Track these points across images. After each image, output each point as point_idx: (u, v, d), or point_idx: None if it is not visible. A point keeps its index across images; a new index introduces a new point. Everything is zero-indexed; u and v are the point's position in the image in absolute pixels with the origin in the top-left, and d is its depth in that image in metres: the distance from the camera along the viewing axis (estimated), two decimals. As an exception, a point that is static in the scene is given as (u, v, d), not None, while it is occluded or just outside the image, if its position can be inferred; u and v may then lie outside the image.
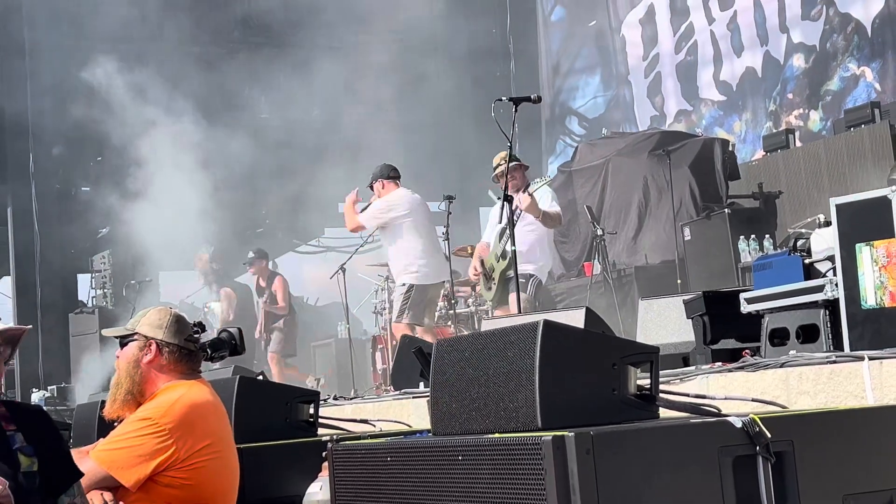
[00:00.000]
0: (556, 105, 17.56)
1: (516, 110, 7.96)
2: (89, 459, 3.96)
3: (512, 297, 8.73)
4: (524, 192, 8.86)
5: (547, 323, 3.15)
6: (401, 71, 16.94)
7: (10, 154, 15.41)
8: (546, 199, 9.17)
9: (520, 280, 8.61)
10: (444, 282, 10.39)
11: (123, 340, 4.23)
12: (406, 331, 9.70)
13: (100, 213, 15.74)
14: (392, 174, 10.33)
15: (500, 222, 8.86)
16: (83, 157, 15.59)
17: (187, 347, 4.20)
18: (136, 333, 4.20)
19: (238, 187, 15.34)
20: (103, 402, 4.48)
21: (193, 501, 3.96)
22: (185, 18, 15.24)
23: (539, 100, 8.20)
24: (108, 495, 3.90)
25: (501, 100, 8.01)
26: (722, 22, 14.62)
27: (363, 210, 10.32)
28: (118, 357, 4.25)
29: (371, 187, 10.41)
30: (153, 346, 4.16)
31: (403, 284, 10.05)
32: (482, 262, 9.52)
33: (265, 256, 14.13)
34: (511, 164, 8.59)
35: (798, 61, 13.41)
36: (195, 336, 4.29)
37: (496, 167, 9.31)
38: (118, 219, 15.33)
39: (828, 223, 4.96)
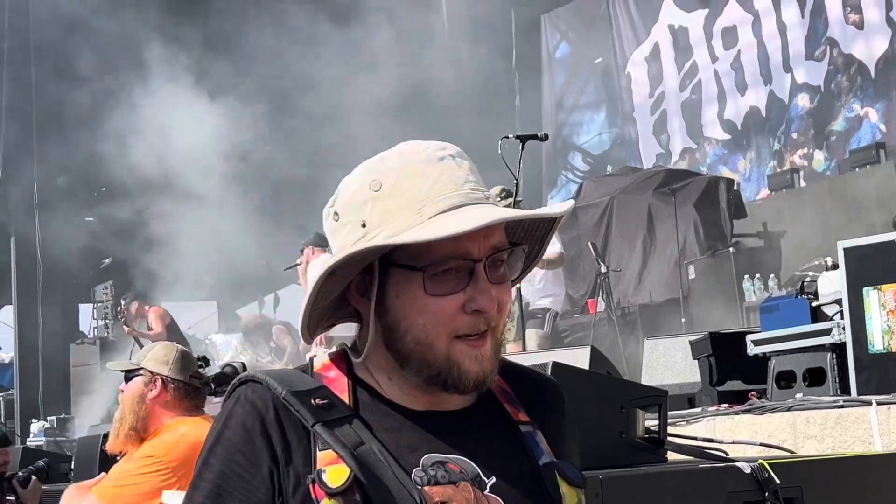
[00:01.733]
0: (558, 139, 17.57)
1: (523, 148, 7.95)
2: (92, 496, 3.93)
3: (529, 332, 8.65)
4: None
5: (556, 365, 3.13)
6: (405, 106, 16.98)
7: (13, 183, 15.44)
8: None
9: (537, 316, 8.62)
10: None
11: (128, 374, 4.21)
12: None
13: (102, 243, 15.76)
14: (324, 243, 11.00)
15: None
16: (87, 188, 15.61)
17: (192, 384, 4.18)
18: (141, 368, 4.18)
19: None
20: (105, 436, 4.45)
21: (196, 540, 3.92)
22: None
23: (546, 138, 8.20)
24: (109, 533, 3.87)
25: (508, 137, 7.99)
26: (726, 60, 14.67)
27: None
28: (122, 391, 4.22)
29: (301, 251, 11.34)
30: (159, 382, 4.13)
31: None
32: None
33: None
34: (507, 203, 8.59)
35: (803, 101, 13.45)
36: (200, 372, 4.27)
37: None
38: (121, 249, 15.36)
39: (835, 266, 4.96)
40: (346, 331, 1.88)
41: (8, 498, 5.32)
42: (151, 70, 14.45)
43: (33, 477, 5.29)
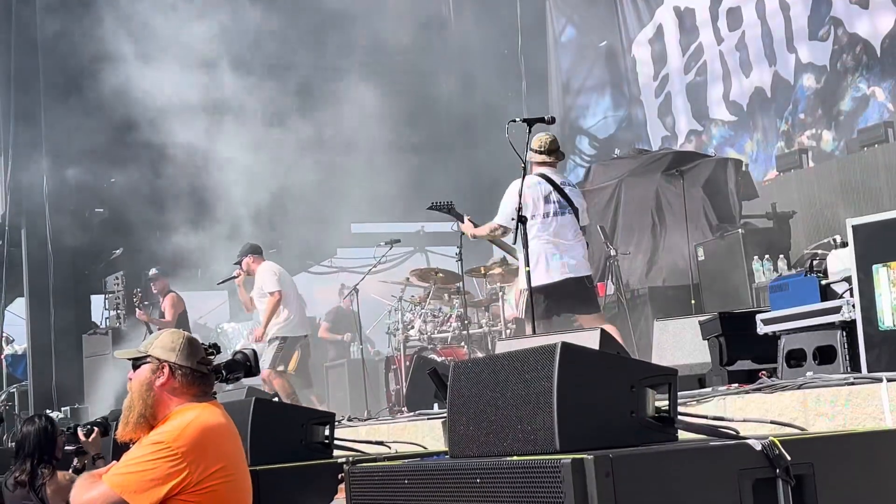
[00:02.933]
0: (565, 123, 17.54)
1: (530, 131, 7.96)
2: (102, 484, 3.95)
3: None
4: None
5: (565, 345, 3.14)
6: (413, 91, 16.98)
7: (24, 175, 15.47)
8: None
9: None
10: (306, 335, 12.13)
11: (136, 363, 4.23)
12: (278, 379, 11.33)
13: (113, 234, 15.80)
14: (259, 251, 12.21)
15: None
16: (97, 179, 15.63)
17: (200, 370, 4.19)
18: (148, 356, 4.19)
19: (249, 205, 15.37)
20: (116, 425, 4.47)
21: (208, 524, 3.95)
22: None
23: (553, 121, 8.19)
24: (120, 520, 3.89)
25: (515, 121, 7.99)
26: (731, 41, 14.63)
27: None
28: (130, 379, 4.24)
29: (239, 264, 12.03)
30: (166, 369, 4.15)
31: (277, 338, 11.56)
32: None
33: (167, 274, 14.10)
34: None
35: (809, 81, 13.40)
36: (208, 358, 4.27)
37: (538, 150, 8.62)
38: (132, 240, 15.40)
39: (844, 244, 4.95)
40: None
41: (67, 448, 5.58)
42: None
43: (95, 428, 5.51)
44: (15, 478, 5.55)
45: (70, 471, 5.54)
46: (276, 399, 8.93)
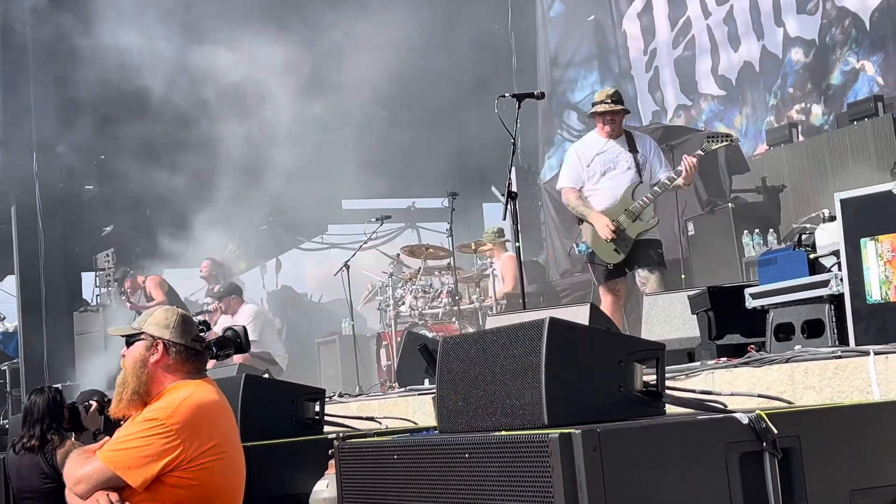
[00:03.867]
0: (553, 98, 17.51)
1: (519, 106, 7.96)
2: (96, 459, 3.96)
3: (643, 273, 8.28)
4: (692, 155, 8.40)
5: (553, 320, 3.15)
6: (402, 68, 16.94)
7: (14, 152, 15.42)
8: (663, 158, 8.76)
9: (658, 248, 8.41)
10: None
11: (130, 339, 4.23)
12: None
13: (103, 211, 15.78)
14: (240, 292, 12.67)
15: (629, 181, 8.40)
16: (87, 156, 15.59)
17: (194, 347, 4.20)
18: (142, 333, 4.20)
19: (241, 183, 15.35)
20: (109, 401, 4.48)
21: (200, 501, 3.96)
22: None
23: (542, 96, 8.19)
24: (114, 496, 3.90)
25: (505, 96, 7.99)
26: (718, 15, 14.60)
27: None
28: (124, 356, 4.25)
29: (219, 299, 12.34)
30: (160, 346, 4.16)
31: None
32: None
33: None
34: (619, 110, 8.43)
35: (797, 55, 13.38)
36: (201, 335, 4.29)
37: (597, 102, 8.50)
38: (122, 217, 15.38)
39: (832, 218, 4.96)
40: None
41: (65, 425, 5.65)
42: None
43: (94, 404, 5.59)
44: (23, 443, 5.59)
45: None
46: (266, 375, 8.95)
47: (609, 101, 8.39)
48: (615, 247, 8.24)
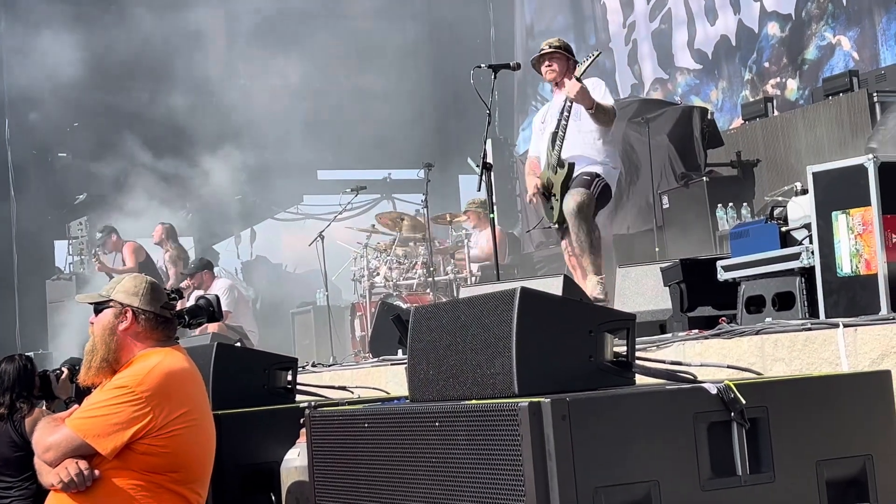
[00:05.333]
0: (528, 68, 17.48)
1: (495, 77, 7.95)
2: (65, 427, 3.94)
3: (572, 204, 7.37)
4: (570, 77, 7.56)
5: (524, 290, 3.16)
6: (379, 39, 16.88)
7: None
8: (599, 90, 7.69)
9: (584, 178, 7.47)
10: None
11: (98, 307, 4.21)
12: None
13: (77, 178, 15.68)
14: (211, 267, 12.35)
15: (552, 126, 7.70)
16: (60, 123, 15.48)
17: (163, 315, 4.18)
18: (111, 300, 4.17)
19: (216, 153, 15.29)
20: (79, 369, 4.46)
21: (170, 469, 3.95)
22: None
23: (518, 67, 8.18)
24: (83, 464, 3.88)
25: (480, 67, 7.97)
26: (695, -12, 14.61)
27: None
28: (92, 323, 4.23)
29: (191, 276, 12.02)
30: (129, 314, 4.13)
31: None
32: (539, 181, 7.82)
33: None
34: (552, 52, 7.73)
35: (773, 29, 13.40)
36: (171, 303, 4.26)
37: (541, 50, 7.92)
38: (95, 185, 15.30)
39: (805, 191, 4.98)
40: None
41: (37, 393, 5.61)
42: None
43: (65, 371, 5.55)
44: None
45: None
46: (238, 344, 8.94)
47: (547, 47, 7.85)
48: (551, 205, 7.71)
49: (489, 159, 7.86)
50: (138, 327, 4.13)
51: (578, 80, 7.40)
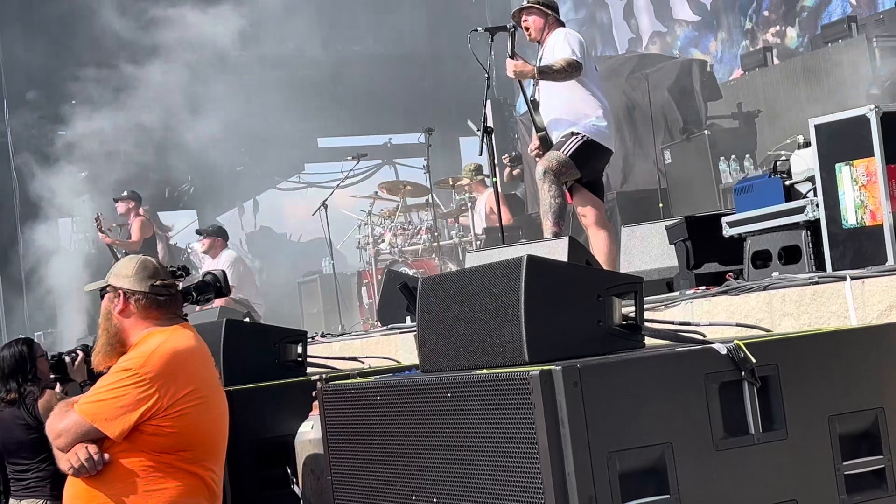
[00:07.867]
0: (526, 28, 17.34)
1: (492, 40, 7.89)
2: (74, 413, 3.95)
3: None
4: (549, 33, 7.46)
5: (530, 258, 3.16)
6: (375, 2, 16.78)
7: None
8: (560, 42, 7.42)
9: (559, 141, 7.29)
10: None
11: (103, 292, 4.22)
12: None
13: (78, 157, 15.65)
14: (226, 236, 12.29)
15: (530, 91, 7.63)
16: (59, 101, 15.44)
17: (155, 293, 4.15)
18: (108, 285, 4.18)
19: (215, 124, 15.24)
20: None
21: (181, 448, 3.96)
22: None
23: (515, 29, 8.10)
24: (93, 448, 3.89)
25: (477, 30, 7.92)
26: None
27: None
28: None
29: (204, 235, 12.10)
30: (121, 296, 4.12)
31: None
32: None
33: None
34: (529, 6, 7.53)
35: (772, -23, 13.33)
36: (168, 280, 4.20)
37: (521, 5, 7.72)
38: (97, 163, 15.27)
39: (807, 144, 4.96)
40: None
41: (53, 376, 5.65)
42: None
43: (80, 353, 5.57)
44: (1, 398, 5.60)
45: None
46: (247, 319, 8.96)
47: (525, 1, 7.66)
48: None
49: (489, 122, 7.83)
50: (133, 308, 4.10)
51: (511, 56, 7.36)
